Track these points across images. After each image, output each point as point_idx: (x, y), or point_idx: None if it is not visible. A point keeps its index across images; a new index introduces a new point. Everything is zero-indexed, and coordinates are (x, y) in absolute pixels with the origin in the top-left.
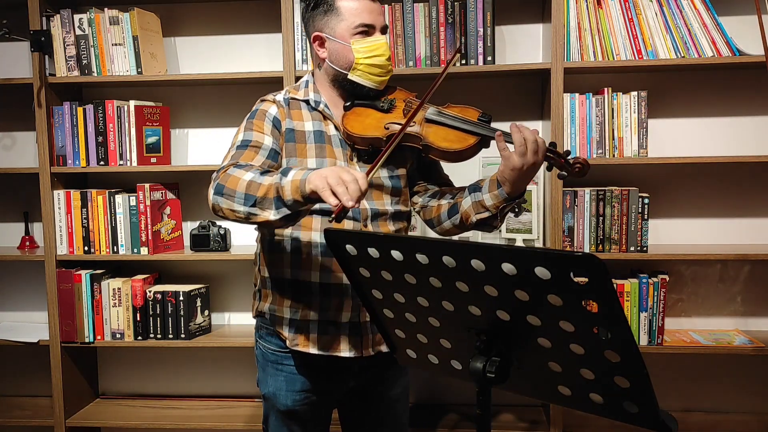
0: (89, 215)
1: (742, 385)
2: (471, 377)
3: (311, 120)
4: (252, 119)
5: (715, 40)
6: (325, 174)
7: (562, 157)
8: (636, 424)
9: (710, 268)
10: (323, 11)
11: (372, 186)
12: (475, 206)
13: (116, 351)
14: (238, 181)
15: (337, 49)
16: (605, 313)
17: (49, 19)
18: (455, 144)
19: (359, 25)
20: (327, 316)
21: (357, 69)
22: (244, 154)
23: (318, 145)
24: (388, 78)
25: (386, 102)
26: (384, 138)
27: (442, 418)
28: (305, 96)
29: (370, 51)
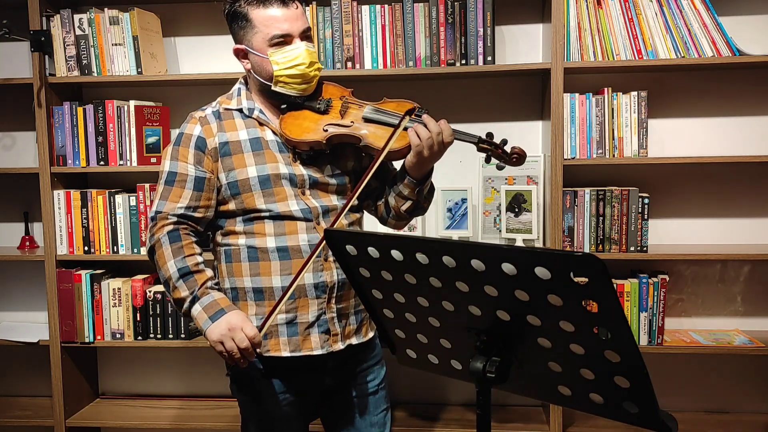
0: (89, 215)
1: (742, 385)
2: (471, 377)
3: (245, 128)
4: (177, 146)
5: (715, 40)
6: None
7: (499, 147)
8: (636, 424)
9: (710, 268)
10: (239, 24)
11: (318, 185)
12: (397, 199)
13: (116, 351)
14: (164, 264)
15: (257, 61)
16: (605, 313)
17: (49, 19)
18: (396, 143)
19: (274, 37)
20: (293, 318)
21: (279, 80)
22: (172, 191)
23: (256, 153)
24: (314, 83)
25: (322, 102)
26: (324, 141)
27: (442, 417)
28: (238, 105)
29: (288, 61)
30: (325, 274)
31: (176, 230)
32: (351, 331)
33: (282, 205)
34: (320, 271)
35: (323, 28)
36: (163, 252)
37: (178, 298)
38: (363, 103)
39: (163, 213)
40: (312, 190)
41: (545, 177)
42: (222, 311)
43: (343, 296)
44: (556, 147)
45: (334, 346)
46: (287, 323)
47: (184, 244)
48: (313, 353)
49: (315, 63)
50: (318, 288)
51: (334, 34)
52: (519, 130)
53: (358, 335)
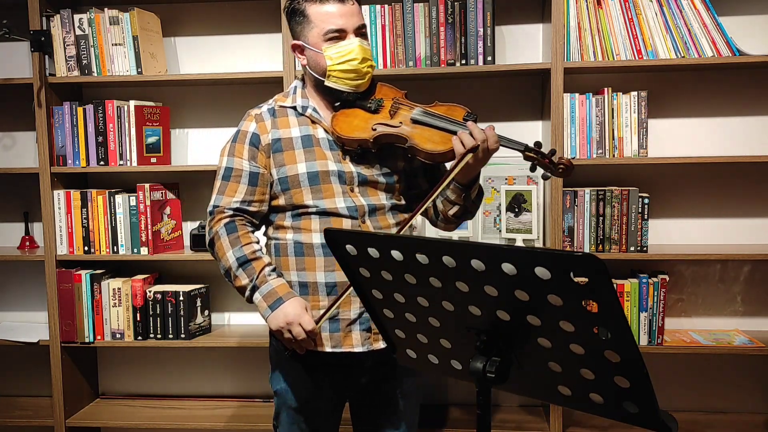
0: (89, 215)
1: (742, 385)
2: (471, 377)
3: (298, 126)
4: (234, 143)
5: (715, 40)
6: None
7: (546, 157)
8: (636, 424)
9: (710, 268)
10: (297, 20)
11: (367, 183)
12: (444, 203)
13: (116, 351)
14: (223, 254)
15: (312, 56)
16: (605, 313)
17: (49, 19)
18: (439, 146)
19: (328, 32)
20: (335, 314)
21: (331, 75)
22: (228, 186)
23: (307, 150)
24: (366, 80)
25: (374, 102)
26: (371, 140)
27: (442, 417)
28: (293, 102)
29: (341, 56)
30: None
31: (232, 222)
32: None
33: (329, 202)
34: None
35: None
36: (221, 243)
37: (239, 287)
38: (414, 104)
39: (219, 207)
40: (361, 187)
41: None
42: (280, 300)
43: None
44: (556, 147)
45: (375, 344)
46: (329, 319)
47: (241, 234)
48: (354, 350)
49: (368, 60)
50: None
51: None
52: (519, 130)
53: None
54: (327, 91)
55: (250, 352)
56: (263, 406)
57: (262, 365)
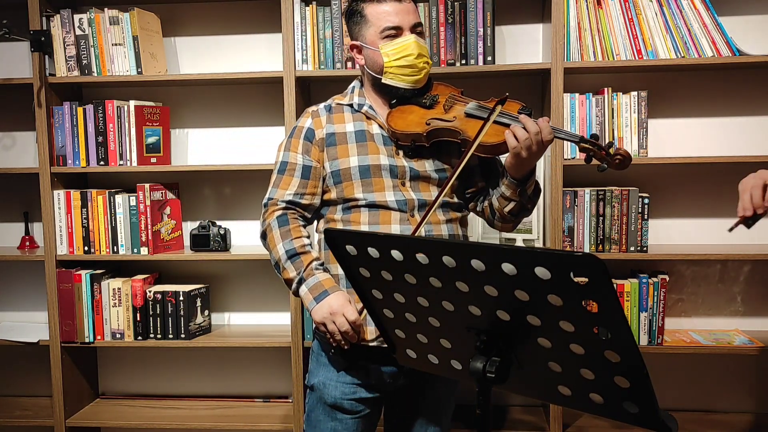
0: (89, 215)
1: (742, 385)
2: (471, 377)
3: (353, 121)
4: (291, 138)
5: (715, 40)
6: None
7: (603, 149)
8: (636, 424)
9: (710, 268)
10: (355, 21)
11: (419, 178)
12: (500, 200)
13: (116, 351)
14: (274, 246)
15: (369, 55)
16: (605, 313)
17: (49, 19)
18: (492, 138)
19: (385, 29)
20: None
21: (388, 72)
22: (282, 179)
23: (360, 144)
24: (423, 75)
25: (428, 98)
26: (424, 134)
27: None
28: (350, 101)
29: (397, 53)
30: None
31: (284, 215)
32: None
33: (378, 195)
34: None
35: (323, 28)
36: (273, 236)
37: (287, 279)
38: (469, 99)
39: (273, 199)
40: (412, 182)
41: (545, 177)
42: (325, 293)
43: None
44: (556, 147)
45: None
46: None
47: (292, 228)
48: None
49: (424, 56)
50: None
51: (334, 34)
52: None
53: None
54: (384, 89)
55: (250, 352)
56: (263, 406)
57: (262, 365)
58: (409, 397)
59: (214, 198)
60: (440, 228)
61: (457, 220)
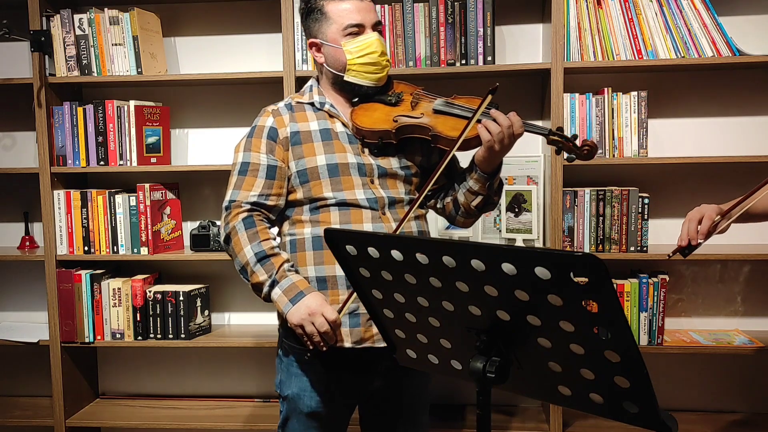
0: (89, 215)
1: (742, 385)
2: (471, 377)
3: (316, 120)
4: (250, 138)
5: (715, 40)
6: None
7: (570, 141)
8: (636, 424)
9: (710, 268)
10: (315, 18)
11: (387, 176)
12: (467, 195)
13: (116, 351)
14: (240, 250)
15: (330, 52)
16: (605, 313)
17: (49, 19)
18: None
19: (347, 26)
20: (355, 308)
21: (351, 70)
22: (245, 180)
23: (325, 143)
24: (385, 73)
25: (394, 95)
26: (393, 131)
27: (442, 417)
28: (310, 99)
29: (360, 50)
30: None
31: (250, 216)
32: None
33: (348, 194)
34: None
35: None
36: (239, 239)
37: (256, 283)
38: (434, 96)
39: (236, 201)
40: (380, 179)
41: (545, 177)
42: (301, 294)
43: None
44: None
45: None
46: (349, 314)
47: (259, 230)
48: (376, 345)
49: (386, 54)
50: None
51: None
52: None
53: None
54: (345, 87)
55: (250, 352)
56: (263, 406)
57: (262, 365)
58: (383, 400)
59: (214, 198)
60: (410, 225)
61: (422, 216)
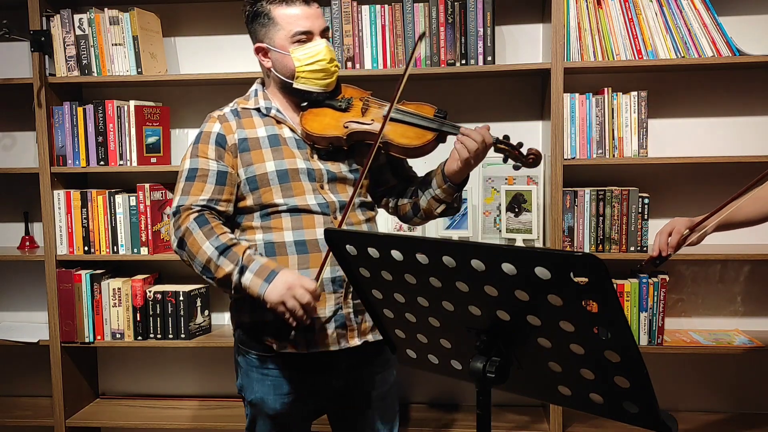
0: (89, 215)
1: (741, 385)
2: (471, 377)
3: (263, 126)
4: (197, 144)
5: (715, 40)
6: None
7: (515, 149)
8: (636, 424)
9: (710, 268)
10: (261, 23)
11: (336, 180)
12: (431, 202)
13: (116, 351)
14: (198, 248)
15: (278, 58)
16: (605, 313)
17: (49, 19)
18: (414, 140)
19: (296, 33)
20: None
21: (300, 77)
22: (193, 186)
23: (274, 149)
24: (334, 79)
25: (343, 101)
26: (344, 137)
27: (442, 417)
28: (255, 105)
29: (309, 57)
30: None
31: (202, 215)
32: (367, 328)
33: (300, 199)
34: (338, 265)
35: None
36: (194, 238)
37: (223, 276)
38: (383, 102)
39: (185, 205)
40: (330, 184)
41: (545, 177)
42: (273, 272)
43: None
44: (556, 147)
45: (351, 341)
46: None
47: (214, 226)
48: (330, 349)
49: (335, 60)
50: (335, 282)
51: (334, 34)
52: (519, 130)
53: (374, 332)
54: (293, 92)
55: None
56: None
57: None
58: (349, 399)
59: None
60: (362, 227)
61: (373, 218)
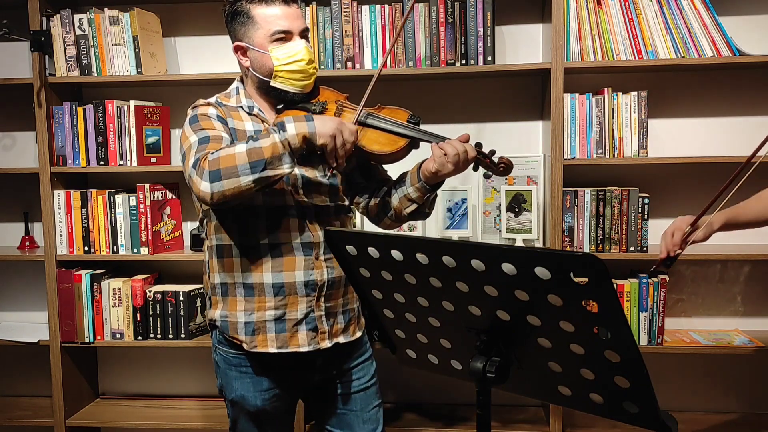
0: (89, 215)
1: (742, 385)
2: (471, 377)
3: (250, 121)
4: (197, 121)
5: (715, 40)
6: (333, 129)
7: (487, 157)
8: (636, 424)
9: (710, 268)
10: (241, 21)
11: (311, 185)
12: (402, 201)
13: (116, 351)
14: (233, 157)
15: (257, 57)
16: (605, 313)
17: (49, 19)
18: (386, 147)
19: (275, 32)
20: (282, 314)
21: (278, 76)
22: (208, 146)
23: None
24: (312, 81)
25: (318, 105)
26: None
27: (442, 417)
28: (238, 103)
29: (288, 57)
30: (315, 273)
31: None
32: (339, 330)
33: (278, 199)
34: (311, 270)
35: (323, 28)
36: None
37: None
38: (356, 106)
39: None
40: (305, 188)
41: (545, 177)
42: (309, 115)
43: (332, 295)
44: (556, 147)
45: (322, 344)
46: (276, 320)
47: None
48: (300, 350)
49: (313, 61)
50: (308, 286)
51: (334, 34)
52: (519, 130)
53: (345, 334)
54: (271, 92)
55: None
56: None
57: None
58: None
59: None
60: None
61: (349, 221)
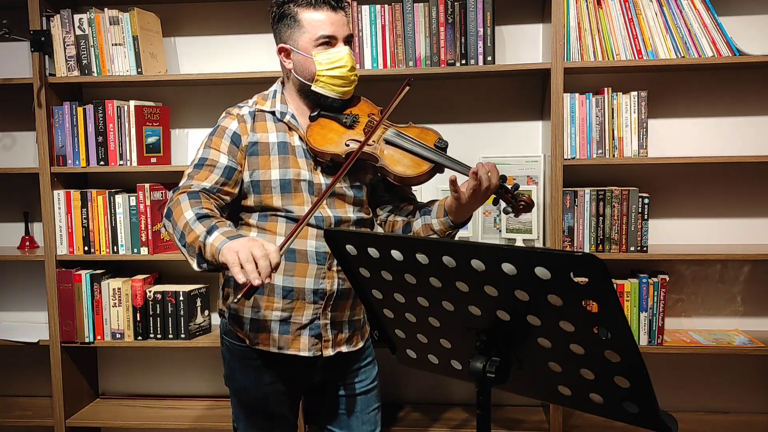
0: (89, 215)
1: (742, 385)
2: (471, 377)
3: (275, 131)
4: (212, 136)
5: (715, 40)
6: (237, 248)
7: (509, 192)
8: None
9: (710, 268)
10: (287, 24)
11: (335, 195)
12: (425, 228)
13: (116, 351)
14: (181, 215)
15: (300, 60)
16: (605, 313)
17: (49, 19)
18: (409, 170)
19: (320, 37)
20: (287, 317)
21: (319, 80)
22: (199, 173)
23: (282, 156)
24: (352, 87)
25: (350, 117)
26: (343, 155)
27: (442, 417)
28: (272, 107)
29: (331, 62)
30: (326, 282)
31: (197, 194)
32: (343, 340)
33: (298, 209)
34: (322, 279)
35: None
36: (180, 207)
37: (192, 241)
38: (388, 124)
39: (187, 185)
40: (329, 199)
41: (545, 177)
42: (241, 236)
43: (339, 306)
44: (556, 147)
45: (324, 351)
46: (281, 321)
47: (203, 201)
48: (300, 354)
49: (355, 69)
50: (317, 294)
51: None
52: (519, 130)
53: (348, 344)
54: (310, 96)
55: None
56: None
57: None
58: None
59: None
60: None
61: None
